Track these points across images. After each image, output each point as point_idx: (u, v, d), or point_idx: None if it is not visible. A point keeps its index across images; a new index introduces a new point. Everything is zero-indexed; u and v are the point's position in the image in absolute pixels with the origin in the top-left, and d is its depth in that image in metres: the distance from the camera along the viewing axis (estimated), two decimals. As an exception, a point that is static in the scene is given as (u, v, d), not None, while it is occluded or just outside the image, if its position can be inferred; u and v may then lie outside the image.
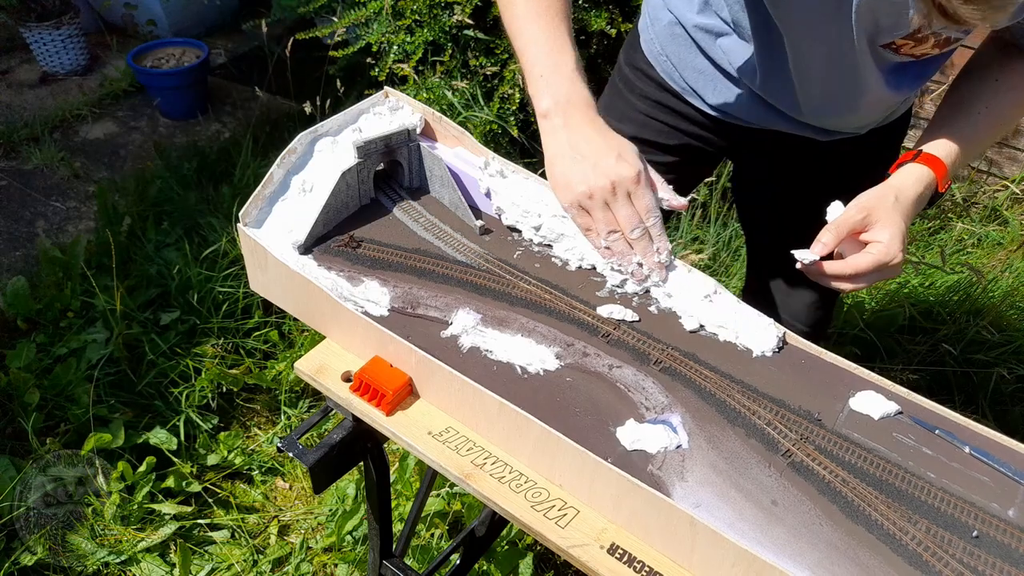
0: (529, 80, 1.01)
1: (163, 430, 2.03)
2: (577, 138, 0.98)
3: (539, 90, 1.00)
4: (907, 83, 1.09)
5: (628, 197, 0.97)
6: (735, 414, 0.87)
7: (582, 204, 0.98)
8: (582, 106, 0.99)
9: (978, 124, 1.06)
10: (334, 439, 0.96)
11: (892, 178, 1.04)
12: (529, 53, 1.01)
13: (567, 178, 0.98)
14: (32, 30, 3.32)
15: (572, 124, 0.98)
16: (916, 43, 0.98)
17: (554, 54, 1.00)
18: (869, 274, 0.99)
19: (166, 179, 2.80)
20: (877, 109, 1.17)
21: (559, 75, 0.99)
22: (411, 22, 2.56)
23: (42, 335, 2.24)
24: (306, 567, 1.84)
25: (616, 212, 0.97)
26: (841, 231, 0.99)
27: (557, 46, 1.00)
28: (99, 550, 1.81)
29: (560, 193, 1.00)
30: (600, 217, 0.98)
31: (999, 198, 2.81)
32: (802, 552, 0.74)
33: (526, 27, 1.01)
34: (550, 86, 0.99)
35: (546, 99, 0.99)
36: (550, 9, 1.01)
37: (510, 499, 0.84)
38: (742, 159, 1.34)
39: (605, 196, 0.96)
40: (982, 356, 2.25)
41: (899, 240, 0.98)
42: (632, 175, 0.96)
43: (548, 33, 1.00)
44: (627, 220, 0.97)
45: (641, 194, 0.97)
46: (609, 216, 0.97)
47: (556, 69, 0.99)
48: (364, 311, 0.95)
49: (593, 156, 0.97)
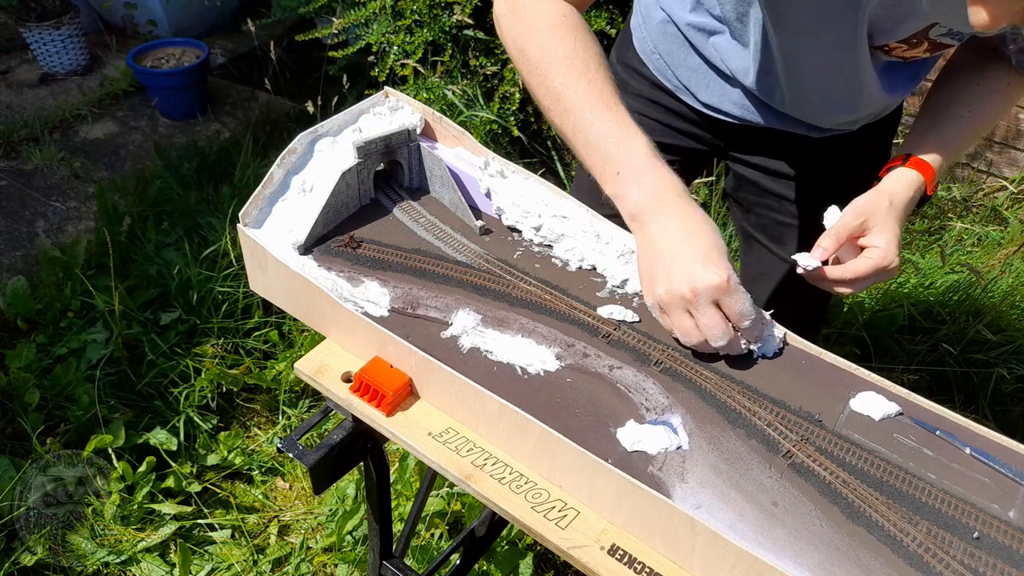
0: (603, 181, 0.93)
1: (163, 430, 2.03)
2: (663, 236, 0.90)
3: (619, 191, 0.92)
4: (901, 85, 1.11)
5: (714, 304, 0.88)
6: (735, 415, 0.87)
7: (662, 306, 0.90)
8: (669, 196, 0.91)
9: (962, 128, 1.09)
10: (334, 439, 0.96)
11: (884, 183, 1.06)
12: (597, 150, 0.93)
13: (649, 276, 0.91)
14: (32, 30, 3.32)
15: (661, 220, 0.90)
16: (909, 47, 0.99)
17: (625, 144, 0.92)
18: (868, 278, 1.01)
19: (166, 179, 2.80)
20: (872, 108, 1.18)
21: (637, 168, 0.91)
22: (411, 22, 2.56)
23: (42, 335, 2.24)
24: (306, 567, 1.84)
25: (698, 319, 0.88)
26: (841, 236, 1.01)
27: (625, 133, 0.92)
28: (99, 550, 1.81)
29: (643, 289, 0.93)
30: (678, 323, 0.90)
31: (999, 198, 2.81)
32: (803, 553, 0.74)
33: (585, 119, 0.93)
34: (631, 184, 0.91)
35: (630, 200, 0.91)
36: (603, 96, 0.94)
37: (510, 500, 0.84)
38: (734, 157, 1.35)
39: (683, 303, 0.88)
40: (982, 356, 2.25)
41: (895, 245, 1.01)
42: (717, 282, 0.86)
43: (611, 120, 0.93)
44: (710, 329, 0.88)
45: (732, 300, 0.87)
46: (689, 323, 0.89)
47: (630, 161, 0.92)
48: (364, 311, 0.95)
49: (679, 256, 0.88)
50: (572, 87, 0.94)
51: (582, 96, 0.94)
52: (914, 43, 0.98)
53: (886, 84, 1.09)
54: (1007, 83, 1.08)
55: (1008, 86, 1.08)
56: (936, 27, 0.94)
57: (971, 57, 1.09)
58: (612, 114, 0.93)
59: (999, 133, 2.79)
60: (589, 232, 1.03)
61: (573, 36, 0.96)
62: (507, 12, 1.02)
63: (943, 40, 0.96)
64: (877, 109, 1.20)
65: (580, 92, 0.94)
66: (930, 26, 0.94)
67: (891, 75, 1.09)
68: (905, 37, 0.97)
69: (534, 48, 0.97)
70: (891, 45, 1.00)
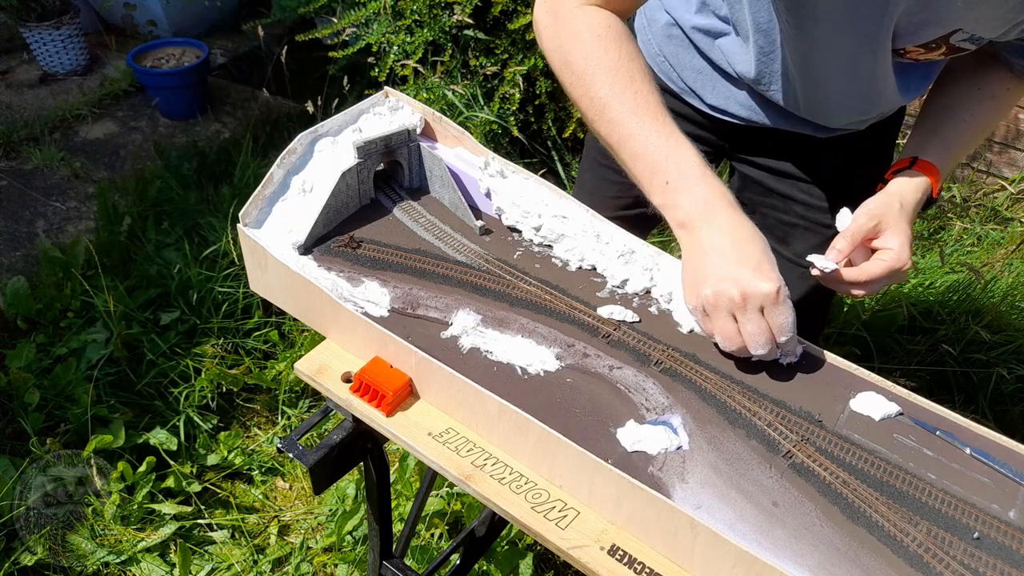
0: (651, 191, 0.92)
1: (163, 430, 2.03)
2: (713, 242, 0.89)
3: (669, 200, 0.91)
4: (914, 86, 1.12)
5: (760, 312, 0.87)
6: (736, 415, 0.87)
7: (706, 309, 0.89)
8: (721, 206, 0.90)
9: (964, 131, 1.10)
10: (334, 440, 0.96)
11: (892, 185, 1.07)
12: (645, 159, 0.92)
13: (695, 278, 0.89)
14: (32, 30, 3.32)
15: (712, 228, 0.89)
16: (927, 51, 0.99)
17: (674, 155, 0.91)
18: (882, 280, 1.02)
19: (166, 179, 2.80)
20: (885, 109, 1.19)
21: (688, 177, 0.90)
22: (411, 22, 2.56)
23: (42, 335, 2.24)
24: (306, 567, 1.84)
25: (742, 325, 0.87)
26: (855, 238, 1.02)
27: (673, 143, 0.91)
28: (99, 550, 1.81)
29: (687, 292, 0.92)
30: (721, 327, 0.88)
31: (999, 198, 2.82)
32: (803, 553, 0.74)
33: (632, 132, 0.92)
34: (681, 193, 0.90)
35: (681, 209, 0.90)
36: (649, 106, 0.92)
37: (510, 500, 0.84)
38: (739, 158, 1.35)
39: (731, 306, 0.87)
40: (982, 356, 2.25)
41: (908, 246, 1.01)
42: (767, 290, 0.86)
43: (659, 132, 0.92)
44: (753, 337, 0.87)
45: (778, 312, 0.87)
46: (732, 328, 0.88)
47: (682, 171, 0.91)
48: (364, 312, 0.95)
49: (730, 262, 0.88)
50: (618, 98, 0.93)
51: (628, 107, 0.93)
52: (933, 47, 0.98)
53: (901, 86, 1.09)
54: (1007, 88, 1.09)
55: (1008, 91, 1.09)
56: (958, 33, 0.94)
57: (971, 62, 1.09)
58: (659, 125, 0.92)
59: (999, 134, 2.79)
60: (589, 232, 1.03)
61: (618, 47, 0.95)
62: (549, 22, 1.00)
63: (962, 45, 0.96)
64: (890, 110, 1.20)
65: (626, 103, 0.93)
66: (952, 32, 0.94)
67: (905, 76, 1.09)
68: (925, 42, 0.97)
69: (579, 58, 0.96)
70: (908, 49, 0.99)
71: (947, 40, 0.95)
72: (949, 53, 0.99)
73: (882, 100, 1.12)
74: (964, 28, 0.93)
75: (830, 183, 1.28)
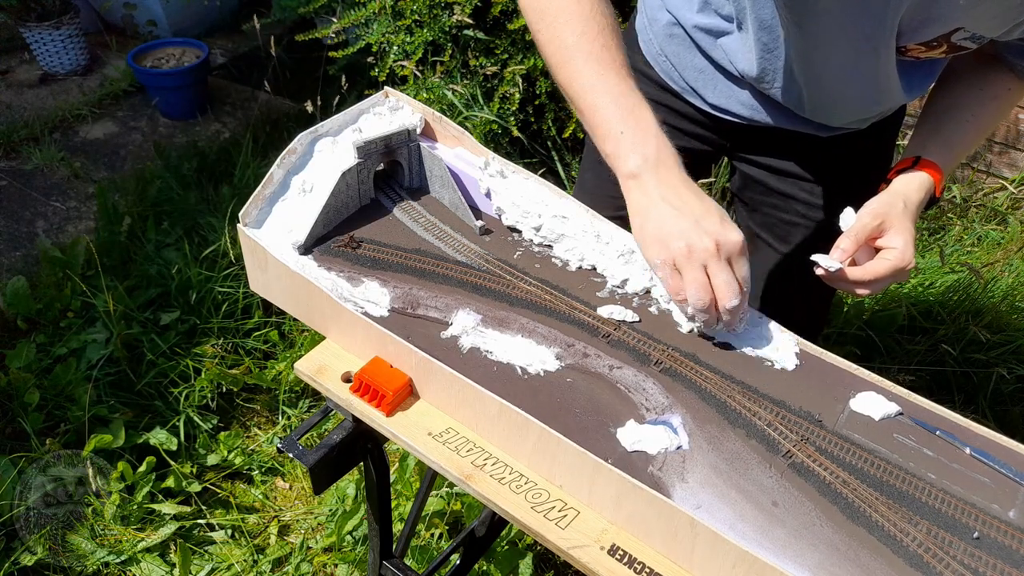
0: (605, 138, 0.93)
1: (163, 430, 2.03)
2: (673, 194, 0.89)
3: (623, 149, 0.92)
4: (917, 84, 1.12)
5: (729, 263, 0.87)
6: (736, 415, 0.87)
7: (676, 262, 0.88)
8: (673, 164, 0.91)
9: (966, 131, 1.10)
10: (334, 439, 0.96)
11: (896, 184, 1.07)
12: (604, 110, 0.92)
13: (663, 231, 0.88)
14: (32, 30, 3.32)
15: (665, 180, 0.90)
16: (928, 49, 0.99)
17: (635, 110, 0.92)
18: (886, 279, 1.02)
19: (166, 179, 2.80)
20: (887, 107, 1.19)
21: (644, 132, 0.92)
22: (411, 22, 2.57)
23: (42, 335, 2.24)
24: (306, 567, 1.84)
25: (714, 277, 0.87)
26: (860, 238, 1.02)
27: (634, 101, 0.93)
28: (99, 550, 1.81)
29: (651, 249, 0.90)
30: (693, 279, 0.87)
31: (999, 199, 2.81)
32: (803, 553, 0.74)
33: (593, 83, 0.93)
34: (636, 144, 0.91)
35: (633, 158, 0.91)
36: (615, 63, 0.94)
37: (510, 500, 0.84)
38: (741, 158, 1.35)
39: (706, 257, 0.87)
40: (982, 356, 2.25)
41: (911, 245, 1.01)
42: (739, 240, 0.87)
43: (621, 88, 0.93)
44: (726, 287, 0.87)
45: (742, 263, 0.88)
46: (703, 280, 0.87)
47: (639, 126, 0.92)
48: (364, 312, 0.95)
49: (694, 213, 0.88)
50: (586, 49, 0.94)
51: (594, 58, 0.93)
52: (934, 46, 0.98)
53: (905, 84, 1.09)
54: (1007, 89, 1.09)
55: (1008, 91, 1.09)
56: (959, 31, 0.94)
57: (972, 62, 1.09)
58: (623, 81, 0.93)
59: (999, 134, 2.79)
60: (589, 232, 1.03)
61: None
62: None
63: (964, 43, 0.96)
64: (892, 108, 1.20)
65: (594, 54, 0.93)
66: (954, 30, 0.94)
67: (909, 75, 1.09)
68: (927, 40, 0.97)
69: (551, 2, 0.96)
70: (909, 47, 1.00)
71: (948, 39, 0.96)
72: (950, 51, 0.99)
73: (885, 98, 1.12)
74: (966, 27, 0.93)
75: (831, 182, 1.28)
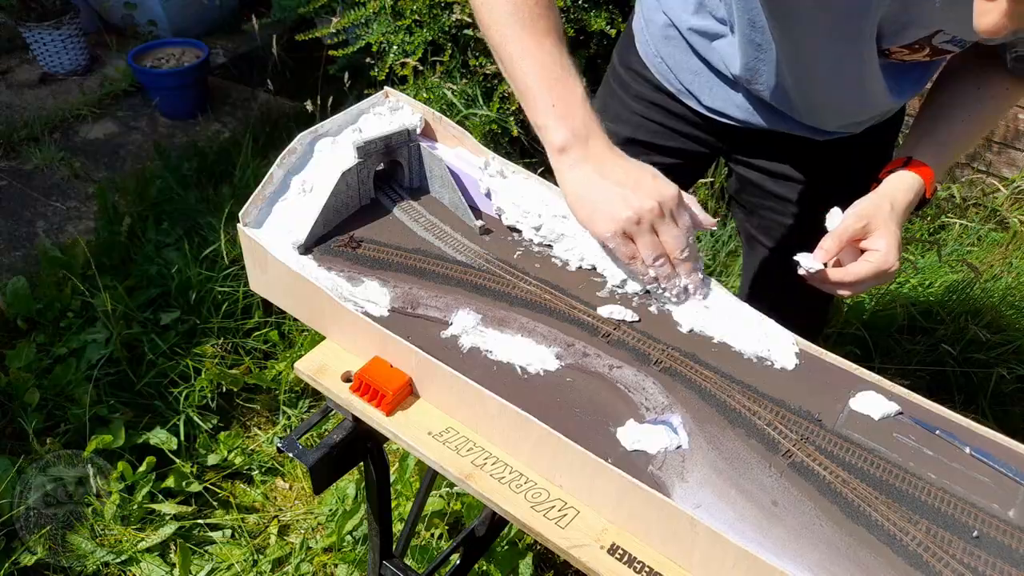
0: (534, 110, 0.93)
1: (163, 430, 2.03)
2: (605, 166, 0.91)
3: (551, 121, 0.92)
4: (908, 88, 1.12)
5: (672, 217, 0.91)
6: (735, 415, 0.87)
7: (627, 231, 0.91)
8: (600, 135, 0.93)
9: (961, 132, 1.10)
10: (334, 439, 0.96)
11: (884, 185, 1.07)
12: (532, 80, 0.93)
13: (608, 206, 0.91)
14: (32, 30, 3.32)
15: (595, 154, 0.92)
16: (911, 51, 1.00)
17: (563, 81, 0.93)
18: (868, 281, 1.02)
19: (166, 179, 2.80)
20: (877, 111, 1.18)
21: (571, 104, 0.92)
22: (411, 22, 2.56)
23: (42, 335, 2.24)
24: (306, 567, 1.84)
25: (663, 234, 0.91)
26: (843, 239, 1.02)
27: (563, 73, 0.93)
28: (99, 550, 1.81)
29: (600, 224, 0.92)
30: (647, 242, 0.91)
31: (999, 198, 2.82)
32: (802, 553, 0.74)
33: (524, 52, 0.93)
34: (564, 117, 0.92)
35: (561, 131, 0.92)
36: (549, 32, 0.94)
37: (510, 499, 0.84)
38: (737, 160, 1.35)
39: (652, 219, 0.90)
40: (981, 356, 2.26)
41: (896, 248, 1.01)
42: (674, 193, 0.91)
43: (552, 58, 0.93)
44: (675, 241, 0.92)
45: (683, 212, 0.92)
46: (655, 240, 0.92)
47: (567, 98, 0.92)
48: (364, 311, 0.95)
49: (630, 180, 0.90)
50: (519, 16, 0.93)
51: (526, 24, 0.93)
52: (916, 48, 0.99)
53: (893, 88, 1.09)
54: (1005, 88, 1.09)
55: (1006, 91, 1.09)
56: (940, 34, 0.94)
57: (970, 62, 1.09)
58: (553, 49, 0.94)
59: (998, 134, 2.79)
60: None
61: None
62: None
63: (945, 47, 0.97)
64: (882, 112, 1.20)
65: (525, 21, 0.93)
66: (934, 33, 0.94)
67: (898, 78, 1.09)
68: (908, 43, 0.97)
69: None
70: (892, 49, 1.00)
71: (930, 41, 0.96)
72: (934, 55, 1.00)
73: (871, 101, 1.12)
74: (945, 29, 0.93)
75: (828, 185, 1.28)
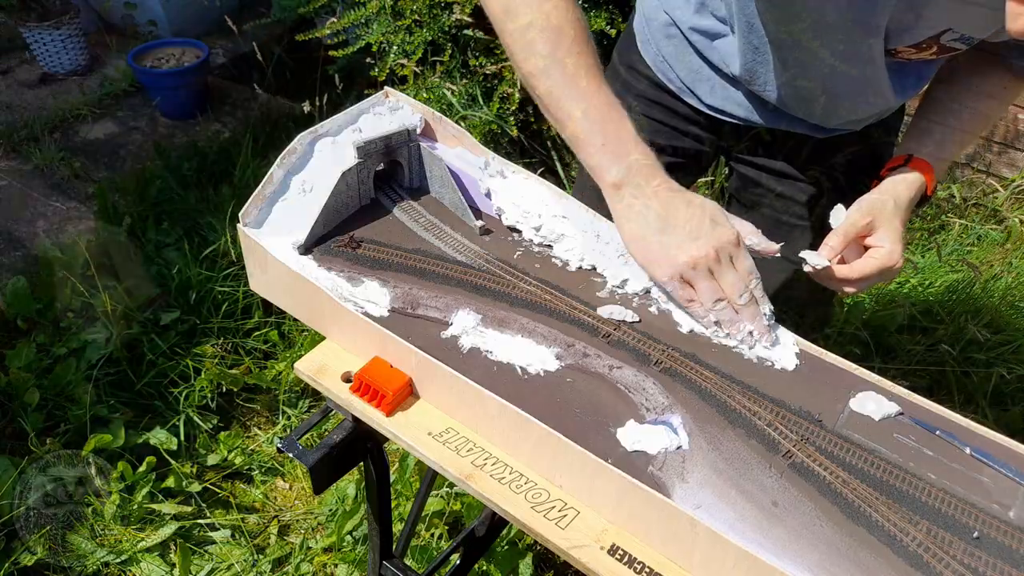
0: (586, 150, 0.93)
1: (163, 430, 2.03)
2: (663, 206, 0.90)
3: (604, 160, 0.92)
4: (910, 86, 1.12)
5: (731, 262, 0.91)
6: (736, 415, 0.87)
7: (684, 276, 0.91)
8: (655, 172, 0.92)
9: (961, 129, 1.11)
10: (334, 439, 0.96)
11: (886, 183, 1.07)
12: (581, 121, 0.93)
13: (665, 250, 0.90)
14: (32, 30, 3.32)
15: (651, 192, 0.91)
16: (917, 50, 0.99)
17: (613, 120, 0.93)
18: (873, 277, 1.03)
19: (166, 179, 2.80)
20: (880, 109, 1.19)
21: (624, 141, 0.92)
22: (411, 22, 2.56)
23: (42, 335, 2.24)
24: (306, 567, 1.84)
25: (721, 279, 0.91)
26: (848, 235, 1.03)
27: (612, 113, 0.93)
28: (99, 550, 1.81)
29: (659, 268, 0.92)
30: (705, 287, 0.91)
31: (998, 198, 2.82)
32: (803, 553, 0.74)
33: (570, 93, 0.93)
34: (617, 155, 0.91)
35: (615, 168, 0.91)
36: (590, 69, 0.93)
37: (510, 500, 0.84)
38: (738, 158, 1.35)
39: (709, 264, 0.90)
40: (981, 356, 2.26)
41: (900, 244, 1.02)
42: (732, 238, 0.90)
43: (599, 99, 0.93)
44: (733, 287, 0.91)
45: (742, 256, 0.91)
46: (714, 285, 0.91)
47: (618, 135, 0.92)
48: (364, 311, 0.95)
49: (688, 224, 0.90)
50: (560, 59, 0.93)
51: (568, 66, 0.93)
52: (923, 47, 0.98)
53: (896, 86, 1.09)
54: (1004, 87, 1.09)
55: (1005, 90, 1.09)
56: (948, 33, 0.94)
57: (969, 61, 1.09)
58: (598, 89, 0.93)
59: (998, 134, 2.79)
60: (589, 232, 1.03)
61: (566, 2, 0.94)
62: None
63: (953, 45, 0.96)
64: (884, 109, 1.20)
65: (567, 63, 0.93)
66: (942, 32, 0.94)
67: (900, 76, 1.09)
68: (916, 42, 0.97)
69: (522, 6, 0.94)
70: (899, 49, 1.00)
71: (938, 40, 0.96)
72: (941, 53, 1.00)
73: (876, 100, 1.12)
74: (954, 28, 0.93)
75: (829, 183, 1.28)
